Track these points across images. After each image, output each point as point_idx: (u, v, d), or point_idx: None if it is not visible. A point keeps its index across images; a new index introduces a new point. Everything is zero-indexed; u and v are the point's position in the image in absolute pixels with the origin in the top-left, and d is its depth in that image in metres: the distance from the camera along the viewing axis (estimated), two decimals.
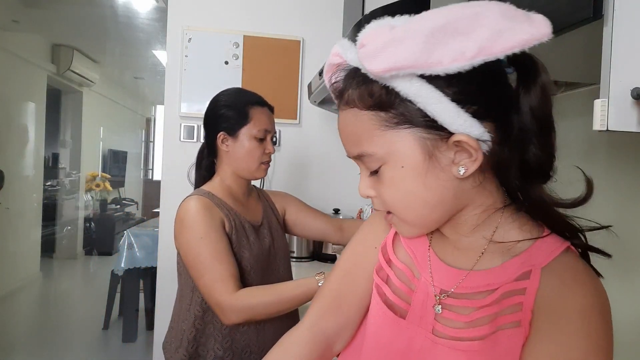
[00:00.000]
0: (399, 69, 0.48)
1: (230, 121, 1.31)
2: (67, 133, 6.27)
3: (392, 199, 0.54)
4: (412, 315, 0.58)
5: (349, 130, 0.56)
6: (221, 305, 1.14)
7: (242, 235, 1.28)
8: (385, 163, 0.53)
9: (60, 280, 5.55)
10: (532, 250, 0.53)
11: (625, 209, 1.07)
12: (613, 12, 0.64)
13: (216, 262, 1.17)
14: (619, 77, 0.63)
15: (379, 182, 0.55)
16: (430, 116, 0.50)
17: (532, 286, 0.50)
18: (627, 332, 1.05)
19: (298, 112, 2.32)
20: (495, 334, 0.51)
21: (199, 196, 1.26)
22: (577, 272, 0.52)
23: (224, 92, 1.38)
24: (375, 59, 0.49)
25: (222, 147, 1.32)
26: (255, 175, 1.35)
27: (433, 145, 0.51)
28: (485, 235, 0.56)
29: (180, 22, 2.23)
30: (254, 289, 1.18)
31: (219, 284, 1.15)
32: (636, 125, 0.64)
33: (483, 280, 0.54)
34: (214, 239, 1.19)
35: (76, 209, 6.44)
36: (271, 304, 1.16)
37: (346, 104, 0.55)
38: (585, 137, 1.19)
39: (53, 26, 4.77)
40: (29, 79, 4.96)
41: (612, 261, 1.12)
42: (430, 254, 0.60)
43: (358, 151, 0.55)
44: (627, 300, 1.05)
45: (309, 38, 2.32)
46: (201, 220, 1.20)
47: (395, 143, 0.52)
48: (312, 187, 2.36)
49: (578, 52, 0.86)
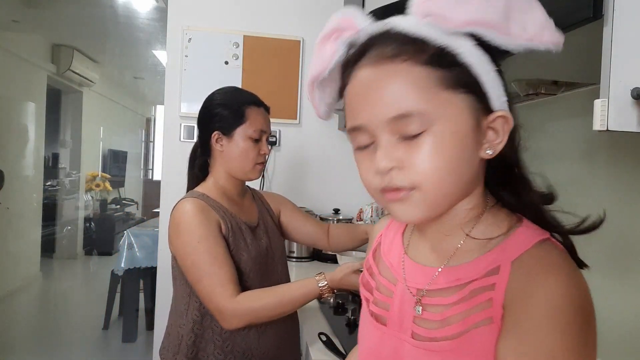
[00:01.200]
0: (479, 25, 0.48)
1: (226, 120, 1.28)
2: (67, 133, 6.27)
3: (431, 167, 0.48)
4: (391, 321, 0.58)
5: (388, 88, 0.49)
6: (222, 310, 1.13)
7: (239, 237, 1.25)
8: (434, 125, 0.48)
9: (60, 280, 5.55)
10: (505, 245, 0.51)
11: (625, 208, 1.07)
12: (613, 12, 0.64)
13: (215, 266, 1.15)
14: (619, 77, 0.63)
15: (414, 149, 0.49)
16: (481, 86, 0.50)
17: (501, 281, 0.49)
18: (627, 329, 1.05)
19: (298, 112, 2.32)
20: (468, 333, 0.50)
21: (193, 198, 1.23)
22: (548, 264, 0.48)
23: (220, 90, 1.35)
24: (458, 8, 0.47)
25: (217, 147, 1.30)
26: (249, 176, 1.32)
27: (480, 117, 0.50)
28: (464, 231, 0.54)
29: (180, 22, 2.23)
30: (255, 293, 1.17)
31: (219, 288, 1.13)
32: (636, 125, 0.64)
33: (453, 275, 0.53)
34: (212, 242, 1.17)
35: (76, 209, 6.44)
36: (273, 306, 1.15)
37: (391, 60, 0.49)
38: (585, 137, 1.19)
39: (53, 26, 4.77)
40: (29, 79, 4.96)
41: (612, 260, 1.13)
42: (404, 258, 0.60)
43: (401, 111, 0.48)
44: (627, 298, 1.05)
45: (309, 38, 2.32)
46: (198, 224, 1.18)
47: (450, 105, 0.49)
48: (312, 187, 2.36)
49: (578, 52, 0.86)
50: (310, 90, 0.61)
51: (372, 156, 0.52)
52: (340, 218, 2.21)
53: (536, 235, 0.52)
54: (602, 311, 1.18)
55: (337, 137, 2.37)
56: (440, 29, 0.49)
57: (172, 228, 1.22)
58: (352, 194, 2.27)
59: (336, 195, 2.32)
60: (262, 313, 1.15)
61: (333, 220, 2.20)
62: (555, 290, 0.46)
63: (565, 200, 1.37)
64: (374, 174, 0.51)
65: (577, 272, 0.50)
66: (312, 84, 0.59)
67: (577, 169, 1.21)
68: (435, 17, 0.49)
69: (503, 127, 0.51)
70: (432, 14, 0.49)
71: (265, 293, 1.17)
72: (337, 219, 2.20)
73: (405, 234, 0.64)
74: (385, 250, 0.65)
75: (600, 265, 1.13)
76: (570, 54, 0.88)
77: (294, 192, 2.35)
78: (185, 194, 1.31)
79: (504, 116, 0.51)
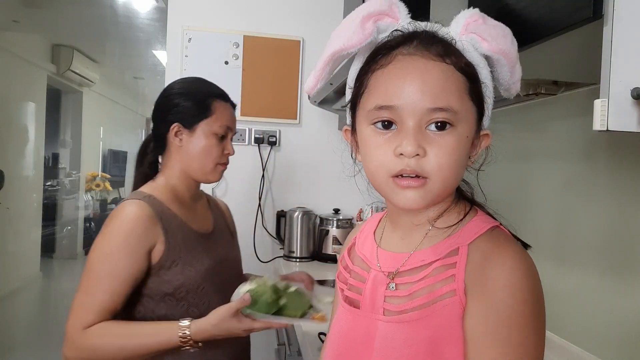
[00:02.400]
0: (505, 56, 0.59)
1: (188, 112, 1.16)
2: (67, 133, 6.27)
3: (447, 161, 0.55)
4: (364, 304, 0.64)
5: (439, 83, 0.55)
6: (68, 336, 1.00)
7: (188, 251, 1.12)
8: (459, 126, 0.55)
9: (60, 280, 5.55)
10: (462, 232, 0.59)
11: (625, 208, 1.07)
12: (613, 12, 0.64)
13: (98, 287, 1.02)
14: (619, 77, 0.63)
15: (436, 142, 0.55)
16: (485, 105, 0.59)
17: (461, 260, 0.56)
18: (627, 329, 1.05)
19: (298, 112, 2.32)
20: (434, 305, 0.56)
21: (139, 201, 1.09)
22: (500, 244, 0.57)
23: (182, 79, 1.24)
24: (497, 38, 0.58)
25: (174, 141, 1.17)
26: (208, 177, 1.19)
27: (477, 130, 0.59)
28: (431, 222, 0.62)
29: (180, 22, 2.23)
30: (108, 326, 1.01)
31: (82, 311, 1.00)
32: (636, 125, 0.64)
33: (420, 257, 0.60)
34: (121, 262, 1.03)
35: (76, 209, 6.44)
36: (116, 349, 1.01)
37: (437, 56, 0.56)
38: (585, 137, 1.19)
39: (53, 26, 4.77)
40: (29, 79, 4.96)
41: (611, 260, 1.12)
42: (378, 250, 0.66)
43: (444, 104, 0.54)
44: (627, 298, 1.05)
45: (309, 38, 2.32)
46: (123, 234, 1.04)
47: (469, 113, 0.57)
48: (312, 187, 2.36)
49: (578, 52, 0.86)
50: (328, 62, 0.63)
51: (392, 139, 0.56)
52: (341, 218, 2.21)
53: (488, 223, 0.59)
54: (601, 311, 1.19)
55: (337, 137, 2.36)
56: (475, 48, 0.58)
57: (104, 224, 1.08)
58: (352, 194, 2.27)
59: (336, 195, 2.32)
60: (104, 354, 1.01)
61: (333, 220, 2.20)
62: (508, 263, 0.54)
63: (566, 200, 1.38)
64: (393, 156, 0.55)
65: (523, 250, 0.58)
66: (334, 55, 0.61)
67: (577, 169, 1.21)
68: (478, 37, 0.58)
69: (481, 142, 0.61)
70: (476, 32, 0.58)
71: (115, 330, 1.02)
72: (337, 219, 2.21)
73: (377, 232, 0.70)
74: (359, 247, 0.71)
75: (600, 264, 1.13)
76: (570, 54, 0.88)
77: (294, 192, 2.35)
78: (131, 193, 1.17)
79: (487, 135, 0.61)
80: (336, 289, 0.73)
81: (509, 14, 0.83)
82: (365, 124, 0.58)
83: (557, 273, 1.23)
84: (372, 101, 0.57)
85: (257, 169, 2.30)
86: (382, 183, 0.57)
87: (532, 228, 1.32)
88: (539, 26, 0.77)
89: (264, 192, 2.32)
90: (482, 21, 0.58)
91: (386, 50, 0.57)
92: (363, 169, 0.63)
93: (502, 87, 0.63)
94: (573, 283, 1.18)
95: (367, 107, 0.58)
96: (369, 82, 0.58)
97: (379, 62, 0.57)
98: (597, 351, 1.12)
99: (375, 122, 0.57)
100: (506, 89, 0.64)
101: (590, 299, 1.15)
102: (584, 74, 0.97)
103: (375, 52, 0.59)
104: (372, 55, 0.59)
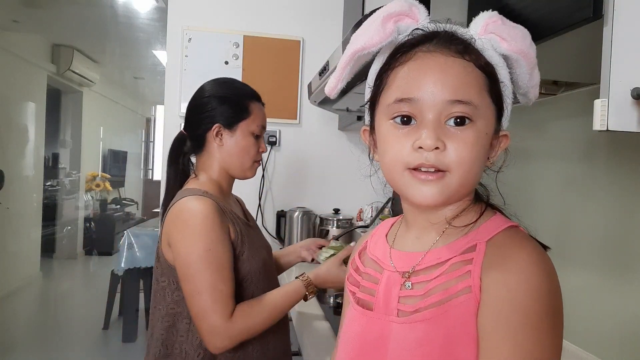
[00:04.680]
0: (523, 56, 0.59)
1: (228, 113, 1.21)
2: (67, 133, 6.27)
3: (467, 156, 0.55)
4: (377, 305, 0.63)
5: (459, 77, 0.56)
6: (217, 331, 1.04)
7: (248, 241, 1.17)
8: (478, 121, 0.56)
9: (60, 280, 5.55)
10: (480, 230, 0.59)
11: (625, 208, 1.07)
12: (613, 12, 0.64)
13: (219, 280, 1.06)
14: (619, 77, 0.63)
15: (455, 136, 0.55)
16: (504, 105, 0.60)
17: (478, 256, 0.55)
18: (627, 329, 1.05)
19: (298, 112, 2.32)
20: (449, 302, 0.55)
21: (200, 197, 1.12)
22: (519, 241, 0.56)
23: (217, 81, 1.27)
24: (516, 39, 0.58)
25: (215, 141, 1.21)
26: (246, 174, 1.26)
27: (496, 130, 0.59)
28: (448, 221, 0.61)
29: (180, 22, 2.23)
30: (247, 308, 1.09)
31: (219, 306, 1.04)
32: (636, 125, 0.64)
33: (435, 255, 0.59)
34: (220, 252, 1.08)
35: (76, 209, 6.44)
36: (266, 319, 1.10)
37: (457, 53, 0.57)
38: (585, 137, 1.19)
39: (53, 26, 4.77)
40: (29, 79, 4.96)
41: (612, 260, 1.12)
42: (391, 252, 0.66)
43: (464, 97, 0.55)
44: (627, 298, 1.05)
45: (309, 38, 2.32)
46: (210, 229, 1.08)
47: (488, 110, 0.57)
48: (312, 187, 2.36)
49: (578, 52, 0.86)
50: (349, 60, 0.63)
51: (411, 133, 0.56)
52: (340, 218, 2.21)
53: (507, 222, 0.60)
54: (601, 310, 1.19)
55: (337, 137, 2.37)
56: (495, 48, 0.59)
57: (176, 228, 1.10)
58: (352, 194, 2.28)
59: (336, 195, 2.32)
60: (257, 329, 1.09)
61: (333, 220, 2.20)
62: (525, 259, 0.53)
63: (566, 199, 1.38)
64: (411, 150, 0.55)
65: (542, 249, 0.56)
66: (356, 53, 0.62)
67: (577, 169, 1.21)
68: (497, 37, 0.58)
69: (500, 143, 0.61)
70: (495, 32, 0.58)
71: (258, 307, 1.10)
72: (337, 219, 2.20)
73: (389, 235, 0.70)
74: (370, 249, 0.70)
75: (600, 264, 1.13)
76: (570, 54, 0.88)
77: (294, 192, 2.35)
78: (182, 191, 1.20)
79: (506, 135, 0.61)
80: (345, 292, 0.72)
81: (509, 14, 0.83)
82: (385, 119, 0.59)
83: (557, 272, 1.23)
84: (392, 95, 0.58)
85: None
86: (398, 176, 0.57)
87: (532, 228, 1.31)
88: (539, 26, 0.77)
89: (264, 192, 2.32)
90: (501, 22, 0.59)
91: (407, 48, 0.59)
92: (377, 169, 0.63)
93: (521, 91, 0.63)
94: (573, 283, 1.18)
95: (387, 101, 0.58)
96: (389, 78, 0.59)
97: (399, 60, 0.59)
98: (597, 351, 1.12)
99: (395, 117, 0.57)
100: (524, 93, 0.63)
101: (590, 298, 1.15)
102: (584, 74, 0.97)
103: (396, 51, 0.60)
104: (392, 54, 0.60)
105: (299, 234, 2.19)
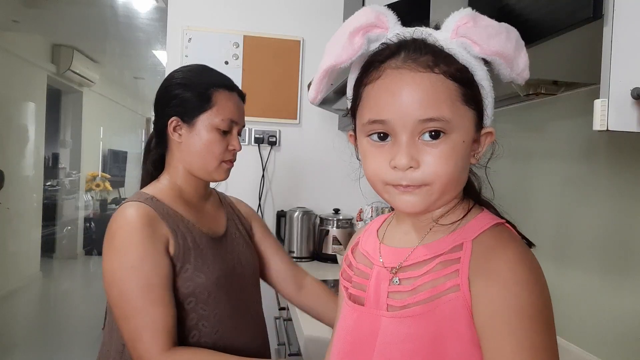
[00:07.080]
0: (499, 56, 0.58)
1: (187, 104, 1.05)
2: (67, 133, 6.27)
3: (443, 169, 0.55)
4: (368, 300, 0.64)
5: (428, 94, 0.55)
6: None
7: (197, 255, 1.01)
8: (452, 134, 0.55)
9: (60, 280, 5.55)
10: (466, 228, 0.59)
11: (625, 208, 1.07)
12: (613, 12, 0.64)
13: (147, 302, 0.91)
14: (619, 77, 0.63)
15: (430, 151, 0.55)
16: (484, 105, 0.59)
17: (465, 255, 0.56)
18: (627, 329, 1.05)
19: (298, 112, 2.32)
20: (438, 299, 0.56)
21: (139, 203, 0.98)
22: (504, 240, 0.57)
23: (183, 68, 1.12)
24: (489, 39, 0.57)
25: (174, 137, 1.06)
26: (213, 176, 1.08)
27: (477, 130, 0.59)
28: (434, 219, 0.62)
29: (180, 22, 2.23)
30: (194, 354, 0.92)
31: (147, 336, 0.89)
32: (636, 125, 0.64)
33: (423, 252, 0.61)
34: (150, 269, 0.92)
35: (76, 209, 6.44)
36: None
37: (426, 67, 0.56)
38: (585, 137, 1.19)
39: (53, 26, 4.77)
40: (29, 79, 4.96)
41: (612, 260, 1.12)
42: (380, 247, 0.67)
43: (435, 114, 0.54)
44: (626, 298, 1.05)
45: (309, 38, 2.32)
46: (138, 241, 0.93)
47: (464, 119, 0.57)
48: (312, 187, 2.37)
49: (578, 52, 0.86)
50: (324, 76, 0.64)
51: (387, 151, 0.57)
52: (341, 218, 2.21)
53: (493, 220, 0.60)
54: (600, 310, 1.19)
55: (337, 137, 2.37)
56: (468, 51, 0.57)
57: (106, 240, 0.96)
58: (352, 194, 2.27)
59: (336, 195, 2.32)
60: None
61: (333, 220, 2.20)
62: (511, 258, 0.54)
63: (565, 200, 1.38)
64: (388, 168, 0.56)
65: (526, 247, 0.58)
66: (328, 71, 0.62)
67: (577, 169, 1.21)
68: (469, 40, 0.57)
69: (485, 139, 0.61)
70: (466, 36, 0.57)
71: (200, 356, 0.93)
72: (337, 219, 2.20)
73: (380, 230, 0.71)
74: (362, 245, 0.71)
75: (600, 264, 1.13)
76: (570, 54, 0.88)
77: (294, 192, 2.35)
78: (132, 195, 1.07)
79: (491, 132, 0.61)
80: (340, 288, 0.73)
81: (509, 14, 0.83)
82: (362, 136, 0.60)
83: (556, 272, 1.23)
84: (366, 115, 0.58)
85: (257, 169, 2.31)
86: (380, 189, 0.59)
87: (531, 228, 1.31)
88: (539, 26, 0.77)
89: (264, 192, 2.32)
90: (472, 23, 0.57)
91: (377, 63, 0.58)
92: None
93: (506, 81, 0.62)
94: (572, 283, 1.18)
95: (362, 120, 0.59)
96: (363, 95, 0.59)
97: (370, 76, 0.58)
98: (597, 351, 1.12)
99: (371, 134, 0.58)
100: (512, 81, 0.63)
101: (589, 298, 1.15)
102: (584, 74, 0.97)
103: (367, 65, 0.60)
104: (364, 68, 0.60)
105: (299, 234, 2.19)
